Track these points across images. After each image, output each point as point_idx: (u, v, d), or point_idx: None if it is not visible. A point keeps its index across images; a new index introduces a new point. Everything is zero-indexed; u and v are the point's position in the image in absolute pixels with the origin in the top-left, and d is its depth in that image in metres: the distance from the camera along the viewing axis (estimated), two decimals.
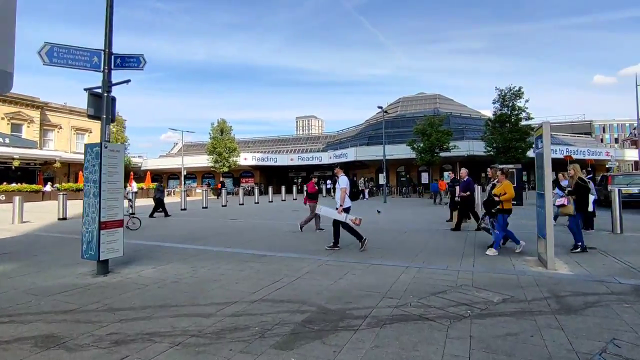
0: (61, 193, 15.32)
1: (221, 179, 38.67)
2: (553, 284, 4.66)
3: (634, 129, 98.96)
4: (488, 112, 38.22)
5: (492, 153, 25.73)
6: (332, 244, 7.39)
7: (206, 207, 19.80)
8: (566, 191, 7.31)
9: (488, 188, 7.98)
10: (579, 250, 6.75)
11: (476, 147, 31.08)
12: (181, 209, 19.03)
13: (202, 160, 36.83)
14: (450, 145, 26.63)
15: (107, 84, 5.65)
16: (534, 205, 7.04)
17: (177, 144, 63.68)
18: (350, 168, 39.34)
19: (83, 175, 5.75)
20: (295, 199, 30.06)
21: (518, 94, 24.68)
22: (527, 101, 24.62)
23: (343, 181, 7.36)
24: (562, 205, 7.05)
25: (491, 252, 6.64)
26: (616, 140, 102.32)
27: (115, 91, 5.82)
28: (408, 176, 36.22)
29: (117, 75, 5.82)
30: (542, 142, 5.66)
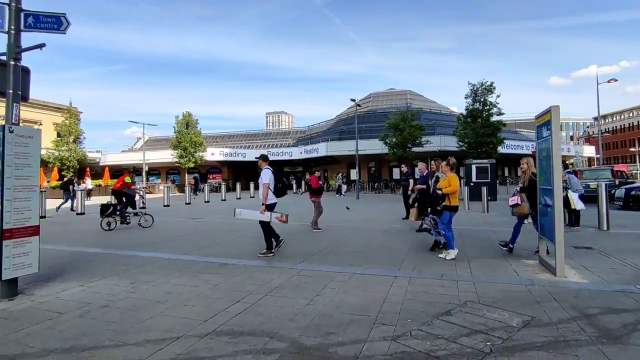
0: None
1: (195, 175, 36.66)
2: (573, 298, 3.90)
3: (588, 127, 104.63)
4: (457, 110, 38.73)
5: (464, 148, 25.60)
6: (264, 250, 6.35)
7: (168, 206, 18.26)
8: (518, 188, 6.52)
9: (432, 182, 7.13)
10: (505, 249, 6.27)
11: (448, 143, 31.03)
12: (139, 208, 17.43)
13: (167, 156, 34.73)
14: (422, 140, 26.28)
15: (15, 49, 4.35)
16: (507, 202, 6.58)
17: (140, 138, 60.53)
18: (321, 163, 38.48)
19: None
20: (296, 193, 28.82)
21: (490, 89, 24.61)
22: (498, 96, 24.61)
23: (266, 175, 6.28)
24: (516, 205, 6.32)
25: (450, 254, 5.83)
26: (571, 138, 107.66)
27: (73, 82, 4.52)
28: (373, 171, 35.88)
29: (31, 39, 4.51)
30: (549, 129, 4.90)
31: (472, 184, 18.49)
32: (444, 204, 6.03)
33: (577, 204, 8.77)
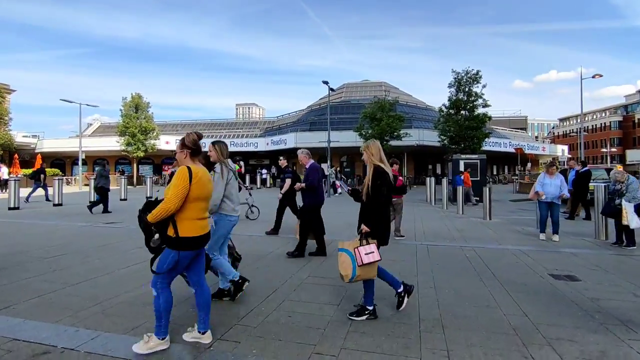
0: None
1: (136, 165, 32.47)
2: None
3: (553, 128, 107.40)
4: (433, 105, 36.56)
5: (445, 142, 23.37)
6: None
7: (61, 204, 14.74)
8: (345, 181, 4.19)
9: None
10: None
11: (426, 137, 28.85)
12: (54, 204, 13.76)
13: (113, 143, 30.47)
14: (401, 132, 23.78)
15: None
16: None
17: (91, 124, 54.93)
18: (290, 157, 35.36)
19: None
20: (259, 188, 25.48)
21: (475, 79, 22.43)
22: (484, 87, 22.48)
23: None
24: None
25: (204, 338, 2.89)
26: (536, 138, 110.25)
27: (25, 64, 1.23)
28: (345, 166, 33.16)
29: None
30: None
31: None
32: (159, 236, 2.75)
33: (631, 220, 6.21)
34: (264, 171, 29.88)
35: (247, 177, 26.52)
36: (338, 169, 23.27)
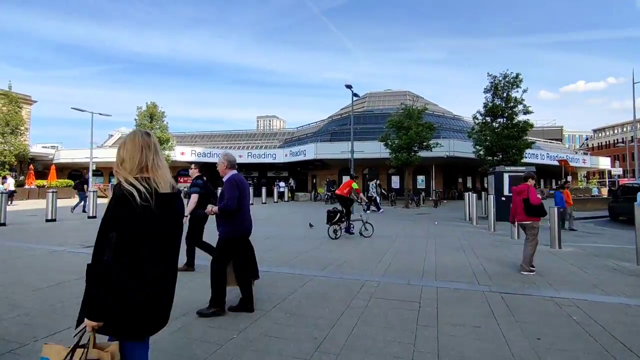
0: None
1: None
2: None
3: (586, 139, 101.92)
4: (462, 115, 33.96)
5: (481, 153, 21.06)
6: None
7: (95, 217, 13.34)
8: None
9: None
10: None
11: (457, 148, 26.58)
12: (47, 219, 12.33)
13: None
14: (431, 142, 21.62)
15: None
16: None
17: (112, 135, 55.18)
18: (309, 168, 33.66)
19: None
20: (252, 204, 23.81)
21: (515, 83, 20.16)
22: (525, 91, 20.15)
23: None
24: None
25: None
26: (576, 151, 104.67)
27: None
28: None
29: None
30: None
31: (503, 198, 13.86)
32: None
33: None
34: (282, 184, 28.19)
35: (264, 190, 24.86)
36: (378, 182, 20.24)
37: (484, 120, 20.99)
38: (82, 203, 15.69)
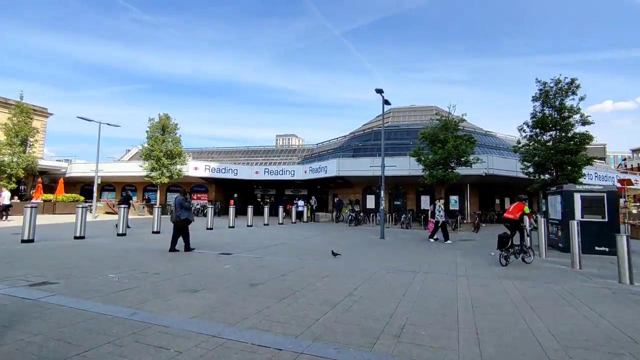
0: None
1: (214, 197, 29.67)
2: None
3: (624, 160, 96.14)
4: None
5: (530, 170, 18.27)
6: None
7: (124, 234, 11.28)
8: None
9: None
10: None
11: (497, 164, 23.75)
12: (22, 240, 10.31)
13: (136, 168, 28.00)
14: (471, 158, 18.97)
15: None
16: None
17: (129, 150, 54.56)
18: (330, 186, 31.29)
19: None
20: (282, 223, 21.63)
21: (569, 89, 17.49)
22: (582, 99, 17.44)
23: None
24: None
25: None
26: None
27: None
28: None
29: None
30: None
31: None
32: None
33: None
34: (301, 203, 25.87)
35: (281, 210, 22.57)
36: (442, 200, 15.12)
37: (533, 133, 18.28)
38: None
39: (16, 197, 27.18)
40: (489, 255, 10.48)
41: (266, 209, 21.37)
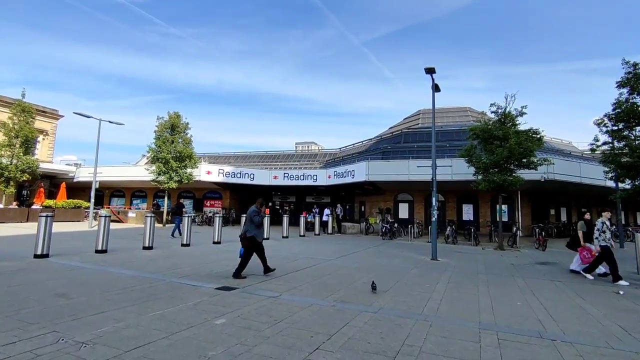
0: None
1: (229, 204, 27.01)
2: None
3: None
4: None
5: (616, 173, 14.60)
6: None
7: (103, 251, 8.55)
8: None
9: None
10: None
11: (558, 169, 19.97)
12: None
13: (143, 172, 25.50)
14: (536, 159, 15.33)
15: None
16: None
17: (145, 155, 52.82)
18: (357, 193, 28.02)
19: None
20: (303, 235, 18.65)
21: None
22: None
23: None
24: None
25: None
26: None
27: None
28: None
29: None
30: None
31: None
32: None
33: None
34: (327, 211, 22.72)
35: (302, 220, 19.47)
36: (608, 213, 9.09)
37: (618, 128, 14.60)
38: (178, 227, 16.13)
39: (14, 203, 25.11)
40: (616, 293, 7.03)
41: (285, 219, 18.31)
